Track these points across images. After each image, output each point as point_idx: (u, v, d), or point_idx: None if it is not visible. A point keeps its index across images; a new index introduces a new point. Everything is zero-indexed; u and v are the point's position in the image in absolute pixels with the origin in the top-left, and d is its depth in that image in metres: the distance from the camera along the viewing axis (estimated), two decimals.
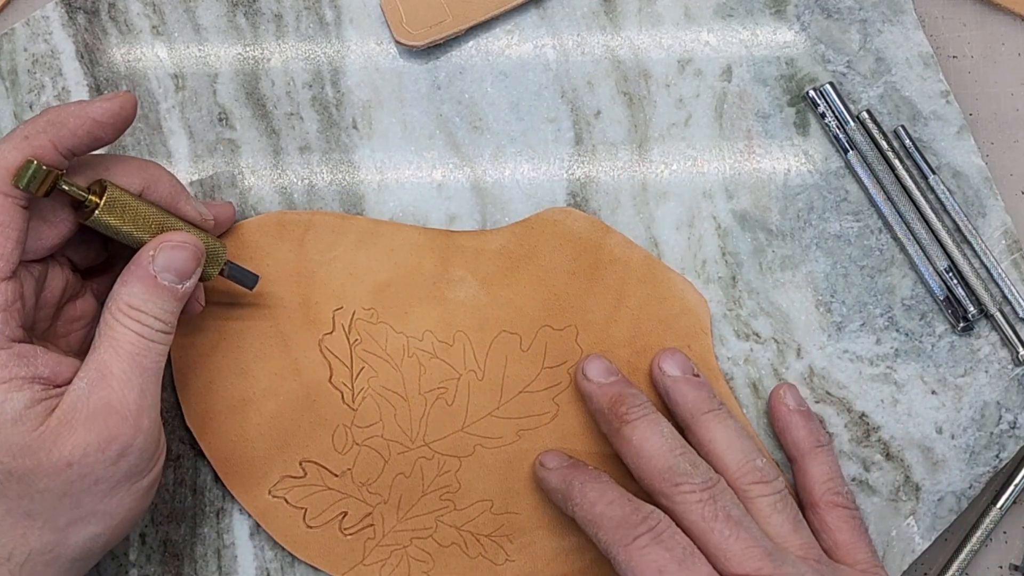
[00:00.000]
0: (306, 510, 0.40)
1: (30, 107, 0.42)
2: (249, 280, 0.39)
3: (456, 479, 0.40)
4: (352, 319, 0.40)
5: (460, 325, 0.41)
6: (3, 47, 0.42)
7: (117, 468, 0.33)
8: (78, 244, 0.37)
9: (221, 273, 0.38)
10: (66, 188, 0.33)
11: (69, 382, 0.33)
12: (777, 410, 0.41)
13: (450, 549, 0.40)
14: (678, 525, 0.36)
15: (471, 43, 0.43)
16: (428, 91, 0.42)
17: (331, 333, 0.40)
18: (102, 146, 0.35)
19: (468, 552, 0.40)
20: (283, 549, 0.40)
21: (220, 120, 0.42)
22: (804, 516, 0.39)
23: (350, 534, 0.40)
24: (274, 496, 0.40)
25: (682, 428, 0.39)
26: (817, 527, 0.39)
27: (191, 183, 0.42)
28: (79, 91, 0.42)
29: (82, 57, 0.42)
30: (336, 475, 0.40)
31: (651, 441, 0.37)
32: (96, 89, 0.42)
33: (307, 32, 0.42)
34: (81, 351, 0.36)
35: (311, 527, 0.40)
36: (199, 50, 0.42)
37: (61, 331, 0.37)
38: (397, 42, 0.42)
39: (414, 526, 0.40)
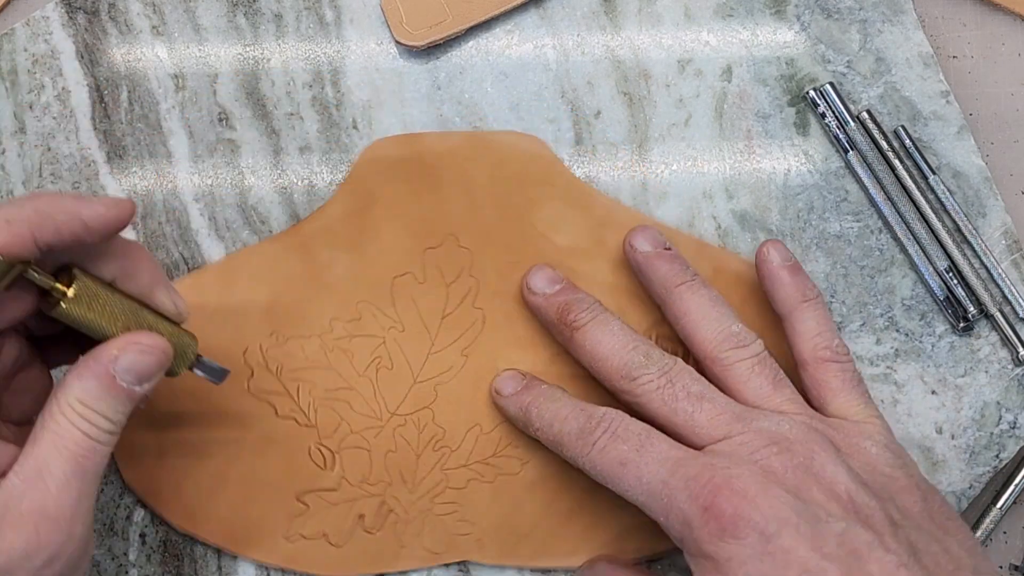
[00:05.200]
0: (326, 534, 0.40)
1: (30, 107, 0.42)
2: (218, 375, 0.36)
3: (437, 426, 0.40)
4: (263, 353, 0.40)
5: (355, 297, 0.41)
6: (3, 47, 0.42)
7: (40, 575, 0.30)
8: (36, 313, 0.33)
9: (189, 368, 0.35)
10: (31, 278, 0.30)
11: (4, 473, 0.31)
12: (763, 267, 0.39)
13: (469, 487, 0.40)
14: (644, 416, 0.36)
15: (471, 43, 0.43)
16: (428, 91, 0.42)
17: (252, 376, 0.40)
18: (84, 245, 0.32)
19: (486, 479, 0.40)
20: None
21: (220, 120, 0.42)
22: (798, 376, 0.38)
23: (377, 531, 0.40)
24: (291, 541, 0.40)
25: (657, 304, 0.39)
26: (808, 384, 0.38)
27: (191, 183, 0.42)
28: (79, 91, 0.42)
29: (82, 57, 0.42)
30: (334, 490, 0.40)
31: (603, 343, 0.37)
32: (96, 89, 0.42)
33: (307, 32, 0.42)
34: (27, 423, 0.33)
35: (339, 546, 0.40)
36: (199, 50, 0.42)
37: (6, 402, 0.34)
38: (397, 42, 0.42)
39: (427, 488, 0.40)
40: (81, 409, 0.31)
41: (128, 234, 0.41)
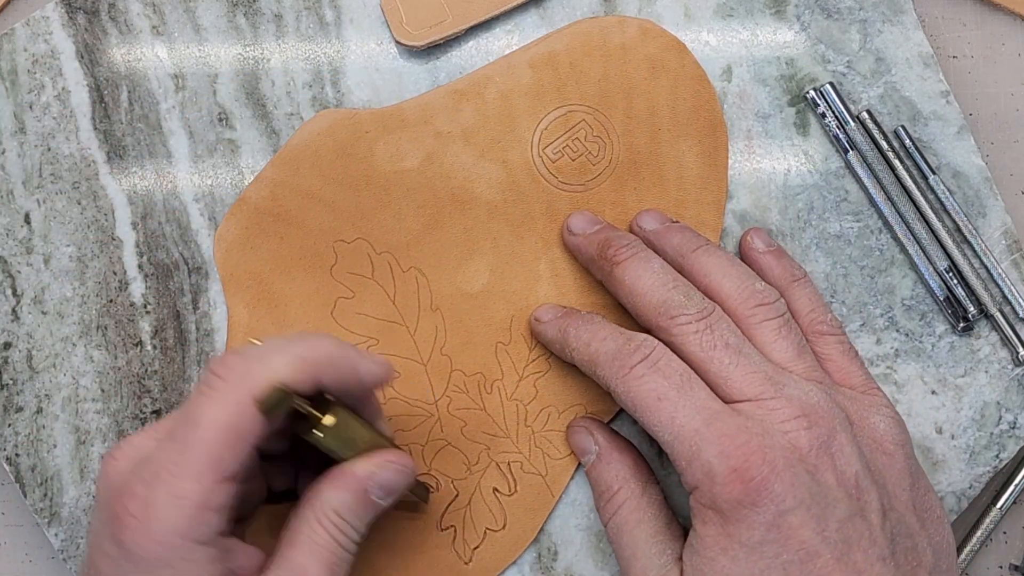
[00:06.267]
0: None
1: (30, 107, 0.42)
2: (424, 495, 0.39)
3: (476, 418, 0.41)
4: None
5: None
6: (3, 47, 0.42)
7: None
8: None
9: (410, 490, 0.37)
10: (300, 409, 0.32)
11: (253, 573, 0.33)
12: (749, 255, 0.41)
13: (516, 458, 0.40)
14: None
15: (471, 43, 0.43)
16: (428, 91, 0.42)
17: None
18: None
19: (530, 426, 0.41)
20: None
21: (220, 120, 0.42)
22: None
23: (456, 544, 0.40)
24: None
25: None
26: None
27: (191, 183, 0.42)
28: (79, 91, 0.42)
29: (82, 57, 0.42)
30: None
31: (643, 278, 0.37)
32: (96, 89, 0.42)
33: (307, 32, 0.42)
34: (237, 521, 0.35)
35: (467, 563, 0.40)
36: (199, 50, 0.42)
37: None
38: (397, 42, 0.42)
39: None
40: (336, 520, 0.33)
41: (128, 234, 0.41)
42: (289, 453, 0.36)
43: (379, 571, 0.39)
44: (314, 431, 0.33)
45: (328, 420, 0.33)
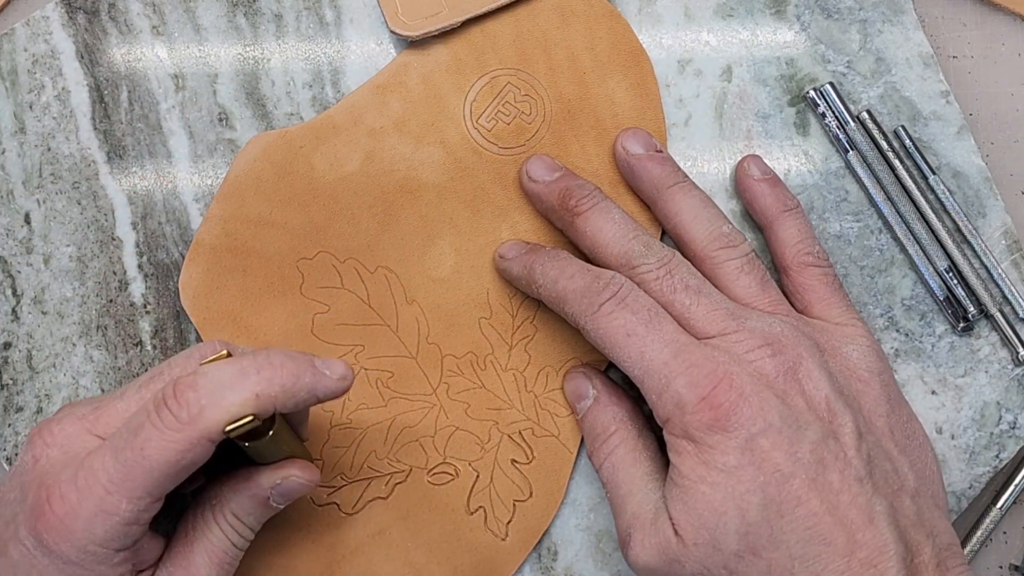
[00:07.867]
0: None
1: (30, 107, 0.42)
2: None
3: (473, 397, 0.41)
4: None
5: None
6: (3, 47, 0.42)
7: None
8: None
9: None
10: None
11: (151, 564, 0.34)
12: (743, 182, 0.41)
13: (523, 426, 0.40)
14: None
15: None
16: None
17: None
18: None
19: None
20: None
21: (220, 120, 0.42)
22: (780, 282, 0.39)
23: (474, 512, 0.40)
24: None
25: (647, 205, 0.40)
26: (791, 289, 0.39)
27: (191, 183, 0.42)
28: (79, 91, 0.42)
29: (82, 57, 0.42)
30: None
31: (604, 230, 0.38)
32: (96, 89, 0.42)
33: (307, 32, 0.42)
34: None
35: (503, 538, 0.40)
36: (199, 50, 0.42)
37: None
38: (391, 31, 0.42)
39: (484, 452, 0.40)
40: (233, 521, 0.34)
41: (128, 234, 0.41)
42: None
43: (421, 569, 0.39)
44: (247, 443, 0.32)
45: (269, 435, 0.32)
